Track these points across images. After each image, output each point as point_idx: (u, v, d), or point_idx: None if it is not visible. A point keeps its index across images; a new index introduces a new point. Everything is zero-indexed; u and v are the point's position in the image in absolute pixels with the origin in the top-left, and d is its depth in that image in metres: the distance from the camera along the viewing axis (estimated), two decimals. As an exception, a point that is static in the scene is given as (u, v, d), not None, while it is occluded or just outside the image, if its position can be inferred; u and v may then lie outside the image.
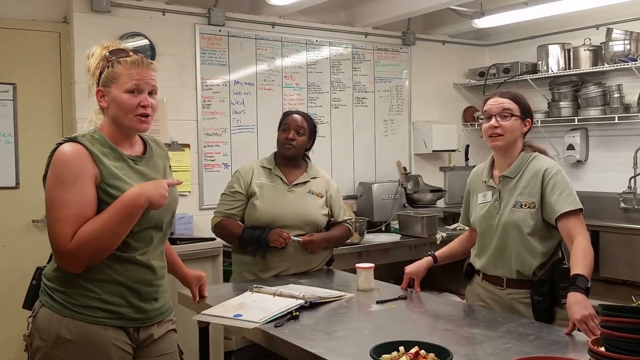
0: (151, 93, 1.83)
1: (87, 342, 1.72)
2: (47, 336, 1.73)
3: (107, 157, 1.77)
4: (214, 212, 2.86)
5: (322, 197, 2.86)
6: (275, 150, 2.90)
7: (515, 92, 2.32)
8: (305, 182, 2.84)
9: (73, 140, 1.76)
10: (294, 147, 2.80)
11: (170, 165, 2.02)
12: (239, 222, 2.79)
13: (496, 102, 2.26)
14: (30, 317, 1.81)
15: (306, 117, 2.89)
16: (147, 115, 1.81)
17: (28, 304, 1.86)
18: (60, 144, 1.75)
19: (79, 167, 1.71)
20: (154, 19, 3.82)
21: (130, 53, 1.82)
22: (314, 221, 2.79)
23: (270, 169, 2.84)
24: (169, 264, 2.06)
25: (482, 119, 2.31)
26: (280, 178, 2.82)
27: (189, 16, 3.94)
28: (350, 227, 2.97)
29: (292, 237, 2.66)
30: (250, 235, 2.70)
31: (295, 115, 2.85)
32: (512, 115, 2.22)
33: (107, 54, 1.81)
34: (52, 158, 1.74)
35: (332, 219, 2.90)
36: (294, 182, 2.83)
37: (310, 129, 2.86)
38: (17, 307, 1.92)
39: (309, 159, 2.97)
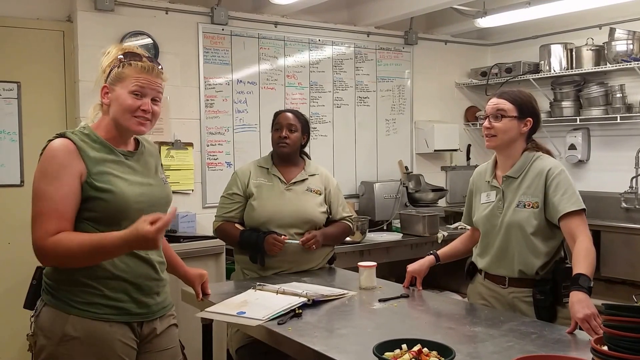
0: (155, 100, 1.84)
1: (93, 339, 1.74)
2: (52, 334, 1.74)
3: (96, 151, 1.79)
4: (215, 216, 2.87)
5: (320, 194, 2.86)
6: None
7: (518, 91, 2.32)
8: (303, 180, 2.85)
9: (62, 135, 1.78)
10: (288, 145, 2.80)
11: (162, 164, 2.05)
12: (237, 225, 2.79)
13: (492, 103, 2.28)
14: (33, 316, 1.82)
15: (297, 113, 2.89)
16: (146, 119, 1.83)
17: (29, 304, 1.87)
18: (51, 140, 1.78)
19: (64, 162, 1.73)
20: (157, 17, 3.83)
21: (144, 59, 1.84)
22: (312, 219, 2.79)
23: (268, 169, 2.85)
24: (169, 263, 2.07)
25: (483, 118, 2.33)
26: (278, 177, 2.82)
27: (192, 15, 3.95)
28: (350, 225, 2.95)
29: (286, 241, 2.66)
30: (247, 241, 2.71)
31: (286, 114, 2.86)
32: (505, 116, 2.23)
33: (121, 55, 1.83)
34: (42, 153, 1.78)
35: (330, 216, 2.90)
36: (292, 181, 2.83)
37: (302, 125, 2.86)
38: (22, 304, 1.92)
39: (307, 156, 2.97)
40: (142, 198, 1.82)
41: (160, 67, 1.88)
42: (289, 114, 2.86)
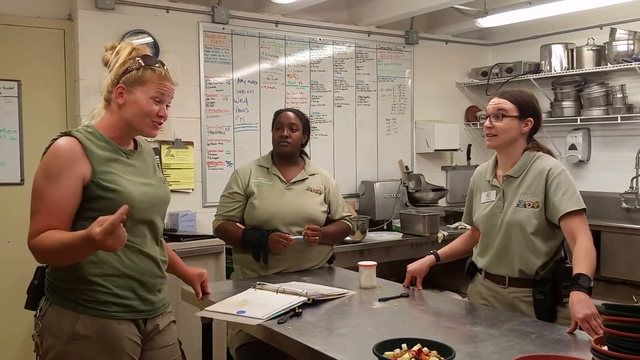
0: (167, 105, 1.89)
1: (104, 337, 1.75)
2: (61, 334, 1.74)
3: (102, 150, 1.79)
4: (215, 216, 2.87)
5: (320, 194, 2.86)
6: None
7: (519, 91, 2.32)
8: (303, 180, 2.85)
9: (67, 134, 1.78)
10: (289, 145, 2.80)
11: (158, 164, 2.06)
12: (238, 224, 2.79)
13: (493, 103, 2.28)
14: (37, 316, 1.82)
15: (298, 113, 2.89)
16: (160, 124, 1.87)
17: (30, 304, 1.86)
18: (56, 139, 1.77)
19: (67, 162, 1.72)
20: (157, 16, 3.83)
21: (159, 64, 1.88)
22: (313, 218, 2.79)
23: (268, 168, 2.85)
24: (169, 263, 2.08)
25: (484, 118, 2.33)
26: (278, 177, 2.82)
27: (192, 14, 3.95)
28: (349, 224, 2.95)
29: (292, 238, 2.66)
30: (250, 239, 2.71)
31: (287, 113, 2.86)
32: (505, 116, 2.23)
33: (139, 58, 1.85)
34: (46, 151, 1.77)
35: (330, 216, 2.89)
36: (292, 180, 2.83)
37: (303, 124, 2.86)
38: (22, 303, 1.91)
39: (307, 156, 2.97)
40: (145, 198, 1.83)
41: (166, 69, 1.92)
42: (290, 113, 2.86)
